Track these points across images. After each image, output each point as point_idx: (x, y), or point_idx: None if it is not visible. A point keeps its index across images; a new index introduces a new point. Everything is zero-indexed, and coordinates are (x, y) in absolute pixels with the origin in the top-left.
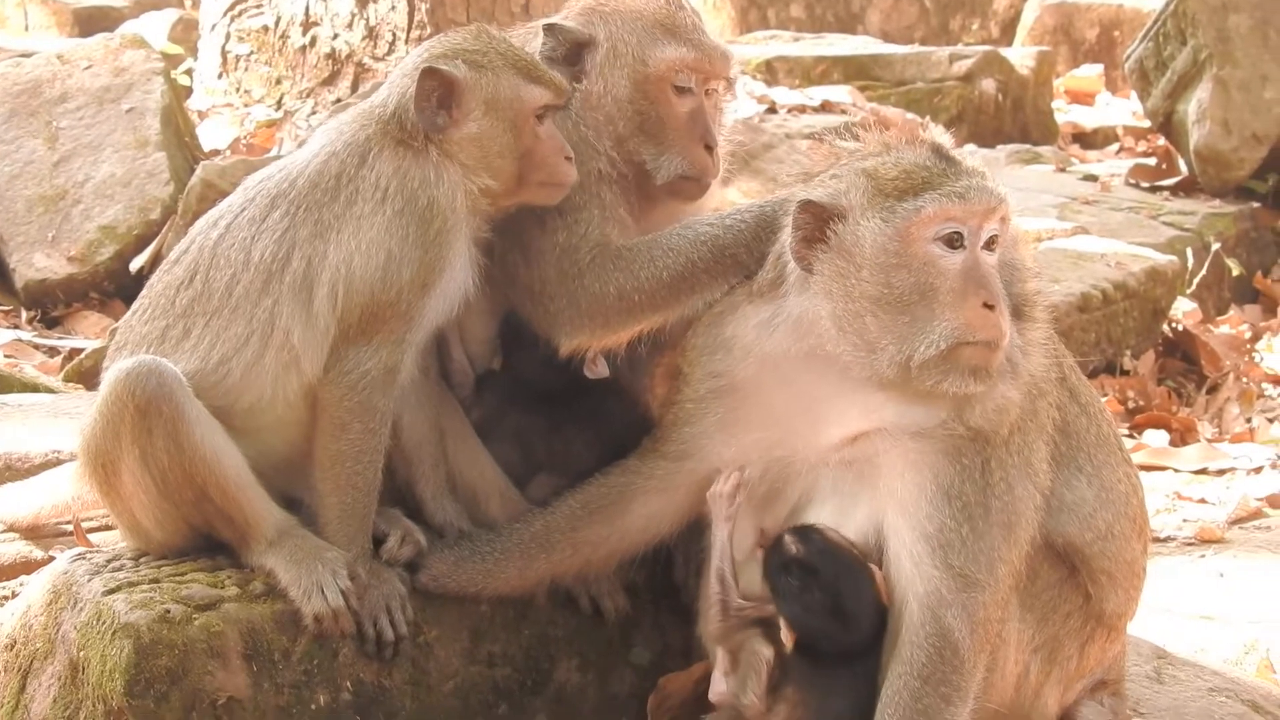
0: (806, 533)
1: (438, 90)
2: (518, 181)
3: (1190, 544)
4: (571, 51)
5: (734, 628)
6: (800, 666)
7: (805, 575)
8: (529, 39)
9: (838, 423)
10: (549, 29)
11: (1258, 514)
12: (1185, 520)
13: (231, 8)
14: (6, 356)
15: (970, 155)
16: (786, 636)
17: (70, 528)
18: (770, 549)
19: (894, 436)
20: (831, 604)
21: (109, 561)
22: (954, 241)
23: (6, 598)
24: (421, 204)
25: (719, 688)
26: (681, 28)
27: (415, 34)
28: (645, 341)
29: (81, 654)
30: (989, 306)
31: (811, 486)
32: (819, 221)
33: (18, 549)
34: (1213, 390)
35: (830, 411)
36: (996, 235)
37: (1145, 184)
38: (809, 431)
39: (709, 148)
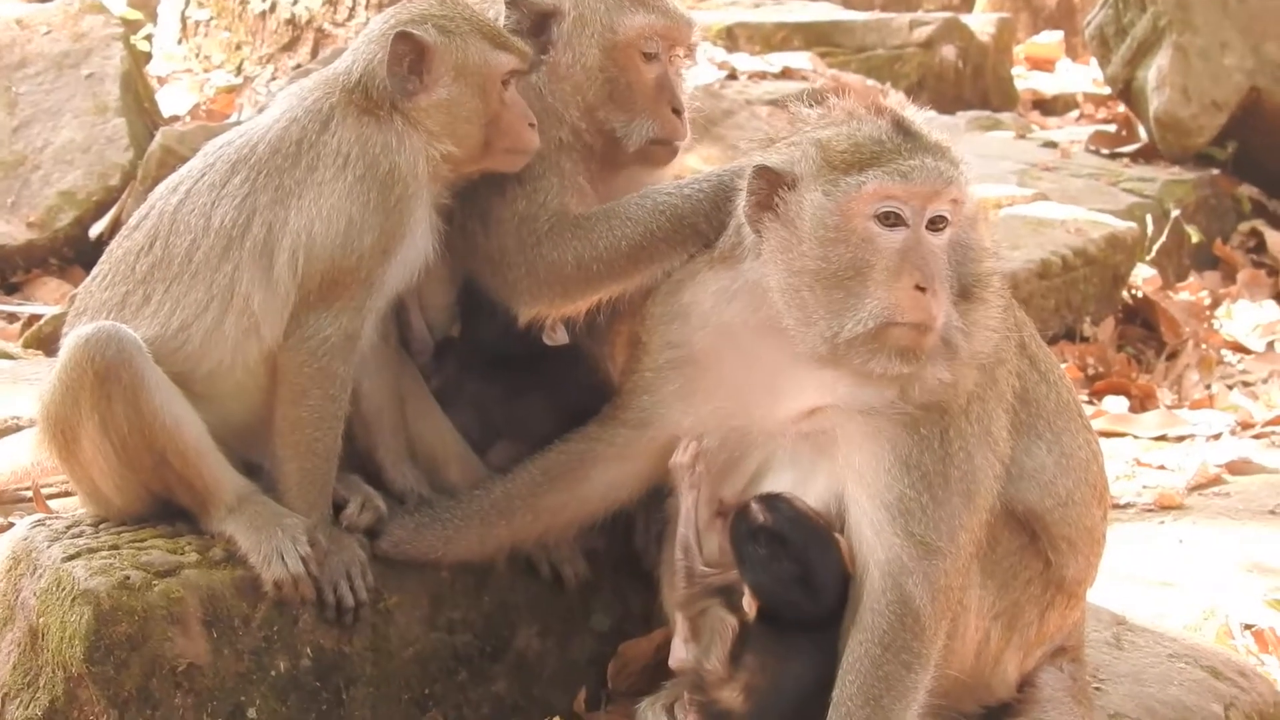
0: (774, 501)
1: (409, 55)
2: (483, 148)
3: (1150, 510)
4: (536, 23)
5: (697, 595)
6: (761, 634)
7: (774, 544)
8: (485, 8)
9: (794, 397)
10: (511, 3)
11: (1217, 480)
12: (1145, 487)
13: None
14: None
15: (934, 128)
16: (749, 604)
17: (29, 494)
18: (737, 517)
19: (848, 412)
20: (800, 574)
21: (68, 528)
22: (894, 220)
23: None
24: (383, 170)
25: (679, 654)
26: None
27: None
28: (605, 310)
29: (41, 620)
30: (920, 289)
31: (770, 456)
32: (773, 187)
33: None
34: (1172, 357)
35: (787, 385)
36: (945, 216)
37: (1105, 151)
38: (767, 404)
39: (677, 112)
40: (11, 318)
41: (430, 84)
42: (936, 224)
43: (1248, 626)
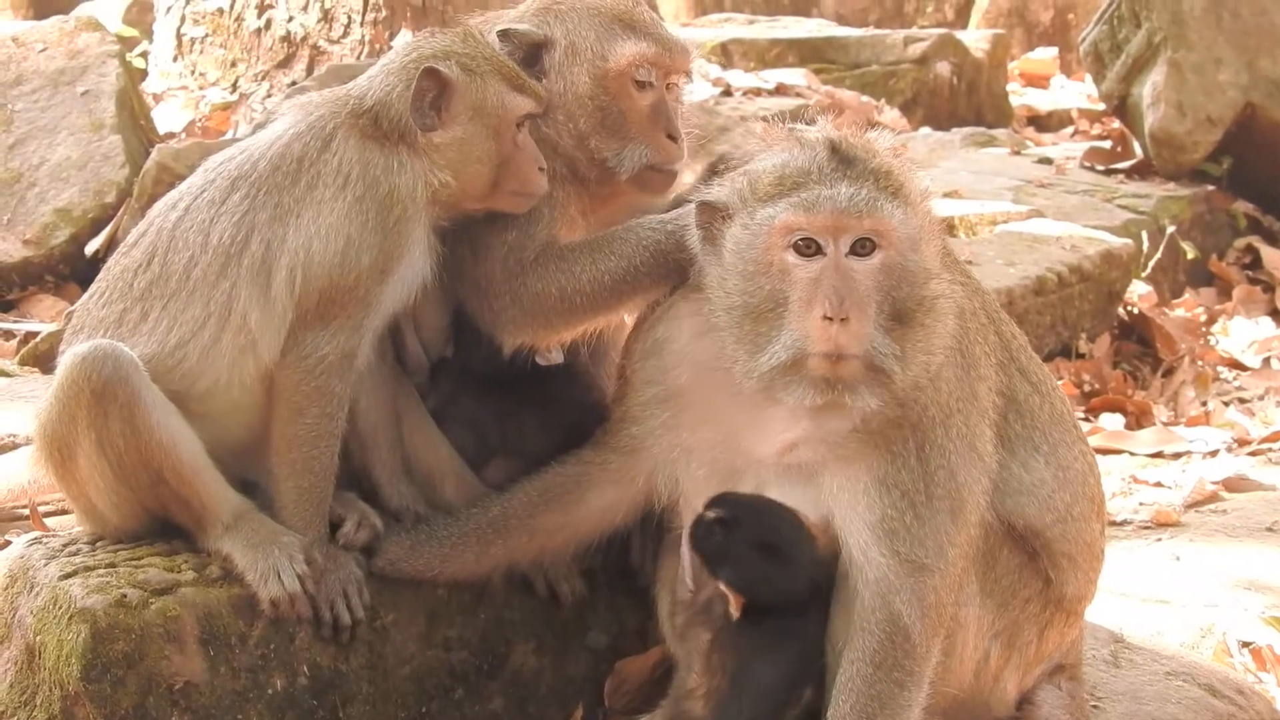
0: (717, 499)
1: (432, 91)
2: (491, 188)
3: (1146, 527)
4: (529, 54)
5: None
6: (731, 635)
7: (728, 529)
8: (484, 32)
9: (777, 432)
10: (503, 35)
11: (1214, 497)
12: (1141, 504)
13: None
14: None
15: (881, 148)
16: (734, 604)
17: (26, 512)
18: (691, 531)
19: (818, 443)
20: (760, 540)
21: (65, 546)
22: (814, 249)
23: None
24: (383, 191)
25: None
26: (640, 22)
27: (370, 17)
28: (591, 339)
29: (38, 638)
30: (828, 319)
31: (759, 486)
32: (714, 221)
33: None
34: (1168, 373)
35: (768, 421)
36: (870, 240)
37: (1100, 167)
38: (751, 438)
39: (672, 138)
40: (7, 335)
41: (447, 121)
42: (861, 249)
43: (1245, 644)
